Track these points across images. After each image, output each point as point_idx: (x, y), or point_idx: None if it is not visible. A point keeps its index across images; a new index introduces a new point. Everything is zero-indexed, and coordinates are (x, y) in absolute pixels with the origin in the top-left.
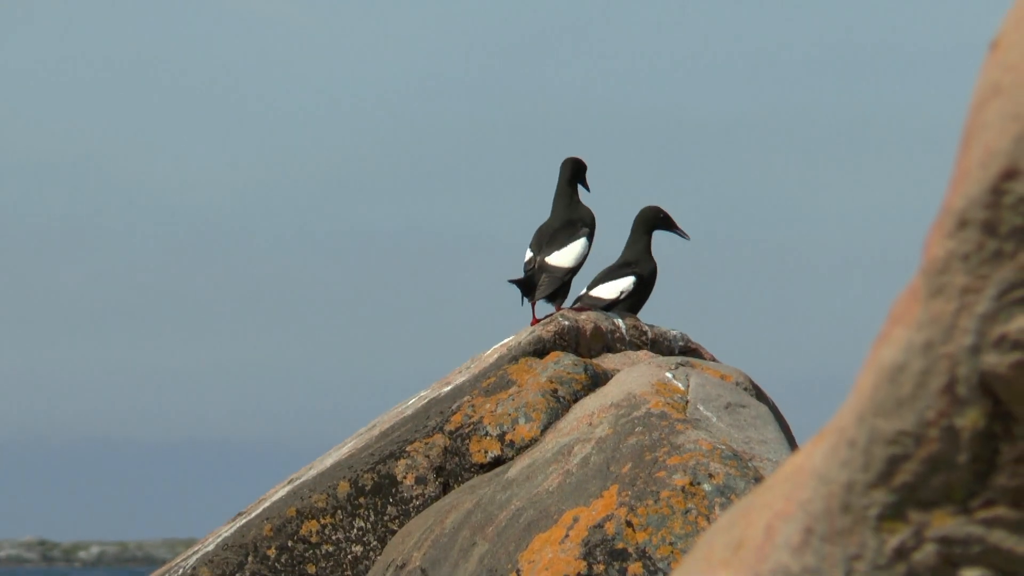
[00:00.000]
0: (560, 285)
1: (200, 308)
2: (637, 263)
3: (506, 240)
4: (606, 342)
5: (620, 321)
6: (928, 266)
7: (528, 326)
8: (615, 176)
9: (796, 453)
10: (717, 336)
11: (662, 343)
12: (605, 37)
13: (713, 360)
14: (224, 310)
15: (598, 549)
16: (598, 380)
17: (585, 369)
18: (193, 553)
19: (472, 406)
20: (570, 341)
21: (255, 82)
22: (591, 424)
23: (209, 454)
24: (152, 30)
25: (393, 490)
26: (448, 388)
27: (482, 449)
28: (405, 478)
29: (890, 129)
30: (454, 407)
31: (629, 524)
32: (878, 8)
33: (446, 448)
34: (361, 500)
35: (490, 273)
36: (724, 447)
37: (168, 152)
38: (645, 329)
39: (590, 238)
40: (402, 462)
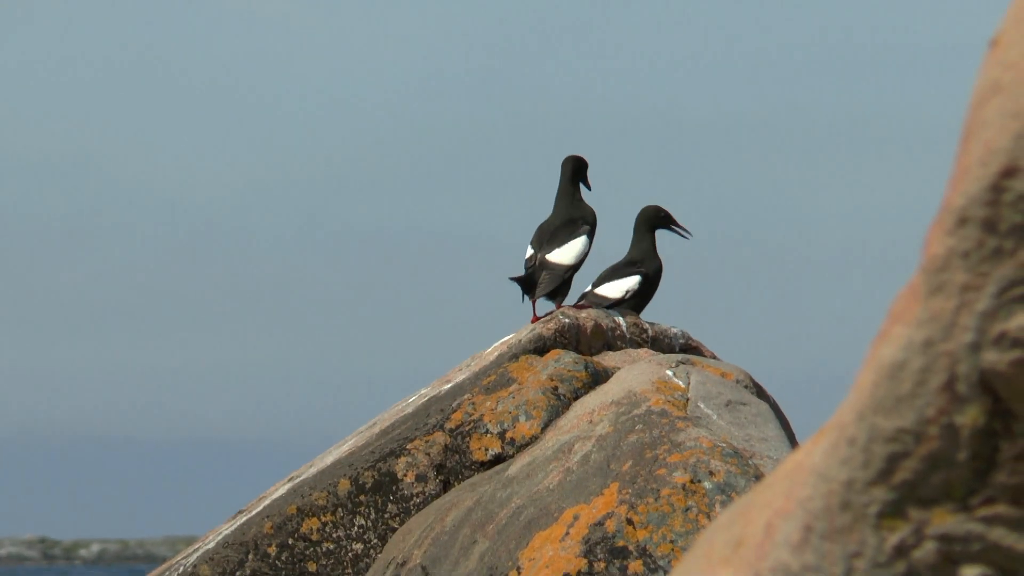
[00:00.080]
0: (561, 283)
1: (200, 307)
2: (643, 262)
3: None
4: (607, 340)
5: (621, 319)
6: (928, 264)
7: (528, 324)
8: (615, 175)
9: (796, 451)
10: (718, 334)
11: (663, 341)
12: (605, 36)
13: (714, 358)
14: (224, 309)
15: (599, 547)
16: (599, 378)
17: (586, 367)
18: (194, 551)
19: (473, 404)
20: (571, 339)
21: (255, 81)
22: (591, 422)
23: (210, 452)
24: (151, 29)
25: (393, 488)
26: (449, 386)
27: (482, 447)
28: (406, 476)
29: (890, 127)
30: (455, 405)
31: (630, 522)
32: (878, 7)
33: (446, 446)
34: (362, 498)
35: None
36: (724, 445)
37: (168, 151)
38: (646, 327)
39: (591, 236)
40: (403, 460)
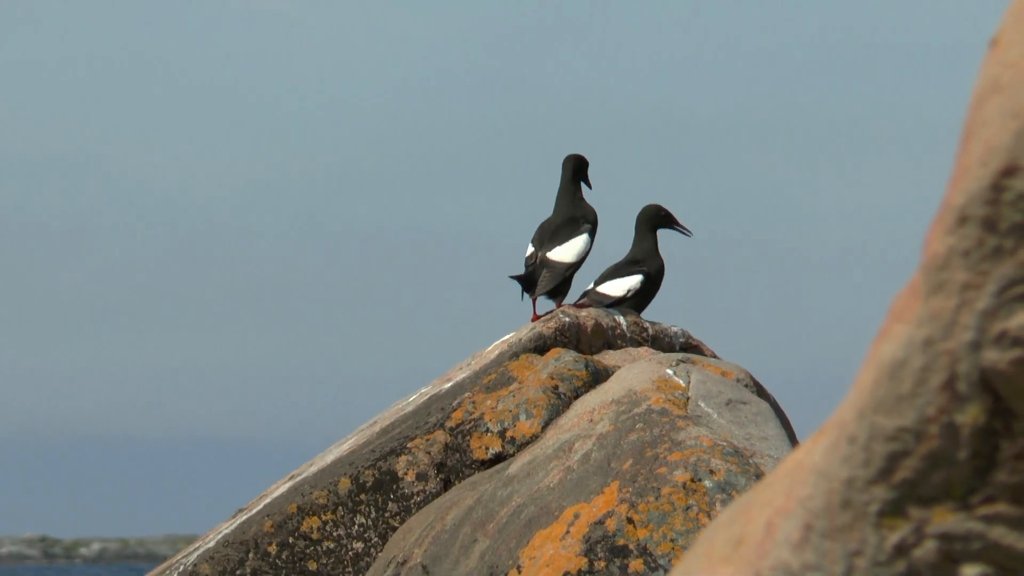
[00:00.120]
0: (561, 281)
1: (201, 305)
2: (645, 261)
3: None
4: (607, 338)
5: (621, 318)
6: (928, 262)
7: (529, 322)
8: (616, 174)
9: (796, 449)
10: (718, 333)
11: (663, 340)
12: (605, 35)
13: (714, 357)
14: (225, 307)
15: (599, 546)
16: (599, 377)
17: (586, 366)
18: (194, 550)
19: (473, 403)
20: (571, 337)
21: (255, 80)
22: (592, 420)
23: (210, 451)
24: (151, 28)
25: (394, 487)
26: (449, 385)
27: (483, 446)
28: (406, 474)
29: (890, 126)
30: (455, 404)
31: (630, 521)
32: (878, 6)
33: (447, 445)
34: (362, 497)
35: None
36: (725, 444)
37: (168, 150)
38: (646, 326)
39: (592, 235)
40: (403, 458)
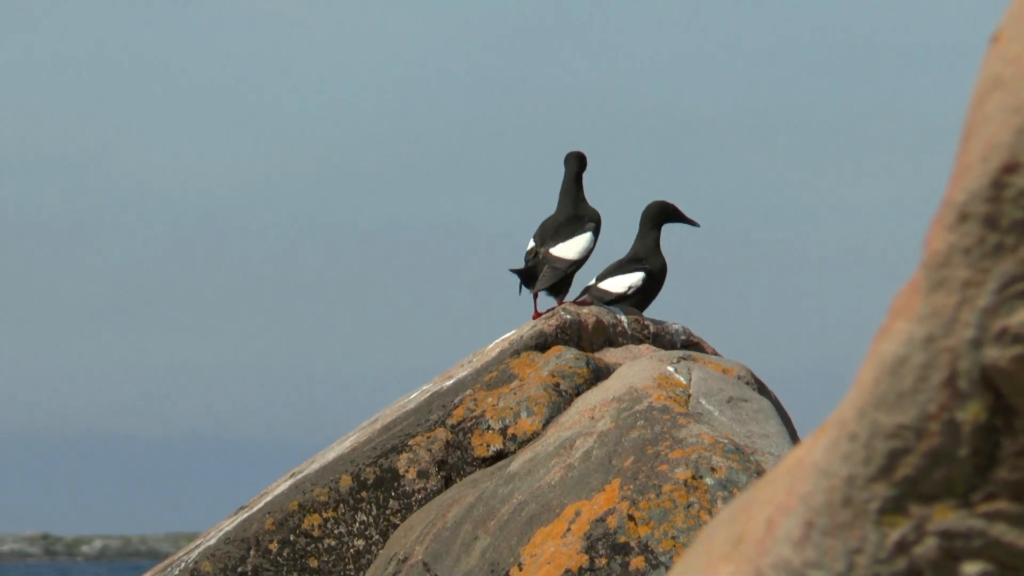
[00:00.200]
0: (563, 278)
1: (202, 303)
2: (647, 259)
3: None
4: (608, 336)
5: (622, 315)
6: (929, 260)
7: (530, 320)
8: (616, 171)
9: (797, 447)
10: (719, 330)
11: (664, 337)
12: (606, 32)
13: (715, 354)
14: (226, 305)
15: (600, 543)
16: (600, 374)
17: (587, 363)
18: (195, 547)
19: (474, 400)
20: (572, 335)
21: (256, 78)
22: (593, 418)
23: (211, 448)
24: (151, 26)
25: (395, 484)
26: (450, 382)
27: (484, 443)
28: (407, 472)
29: (891, 124)
30: (456, 401)
31: (631, 518)
32: (879, 4)
33: (448, 442)
34: (363, 494)
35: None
36: (726, 441)
37: (169, 148)
38: (647, 323)
39: (596, 233)
40: (404, 456)
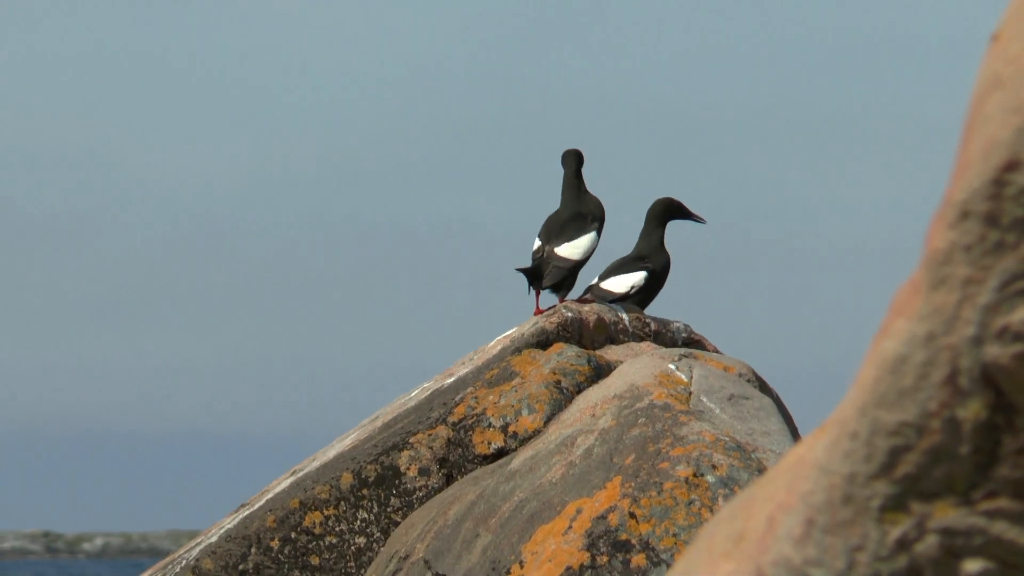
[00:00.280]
0: (566, 276)
1: (203, 300)
2: (650, 257)
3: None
4: (609, 334)
5: (623, 313)
6: (930, 257)
7: (531, 317)
8: (617, 168)
9: (798, 445)
10: (720, 328)
11: (665, 335)
12: (608, 27)
13: (716, 352)
14: (227, 302)
15: (601, 540)
16: (601, 372)
17: (588, 360)
18: (196, 544)
19: (475, 397)
20: (573, 333)
21: (259, 74)
22: (594, 415)
23: (213, 446)
24: (154, 24)
25: (396, 481)
26: (451, 379)
27: (485, 440)
28: (408, 469)
29: (892, 122)
30: (457, 398)
31: (632, 515)
32: (880, 2)
33: (449, 439)
34: (364, 491)
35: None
36: (727, 438)
37: (170, 146)
38: (648, 321)
39: (599, 232)
40: (405, 453)
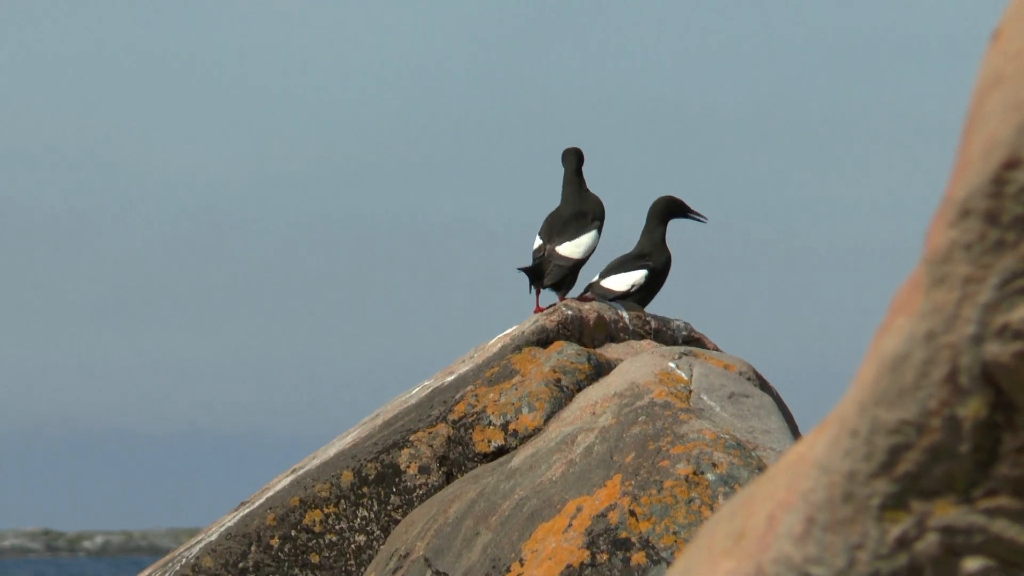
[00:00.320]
0: (567, 275)
1: (204, 299)
2: (651, 255)
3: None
4: (609, 332)
5: (623, 311)
6: (930, 256)
7: (532, 315)
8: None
9: (798, 443)
10: (721, 326)
11: (665, 333)
12: (608, 27)
13: (716, 350)
14: (228, 301)
15: (601, 538)
16: (601, 370)
17: (588, 359)
18: (196, 542)
19: (475, 395)
20: (573, 331)
21: (258, 75)
22: (594, 414)
23: (213, 444)
24: (156, 22)
25: (396, 479)
26: (451, 377)
27: (485, 438)
28: (408, 467)
29: (893, 121)
30: (457, 396)
31: (632, 514)
32: (881, 1)
33: (449, 437)
34: (364, 490)
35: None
36: (727, 437)
37: (170, 144)
38: (648, 319)
39: (600, 230)
40: (405, 451)
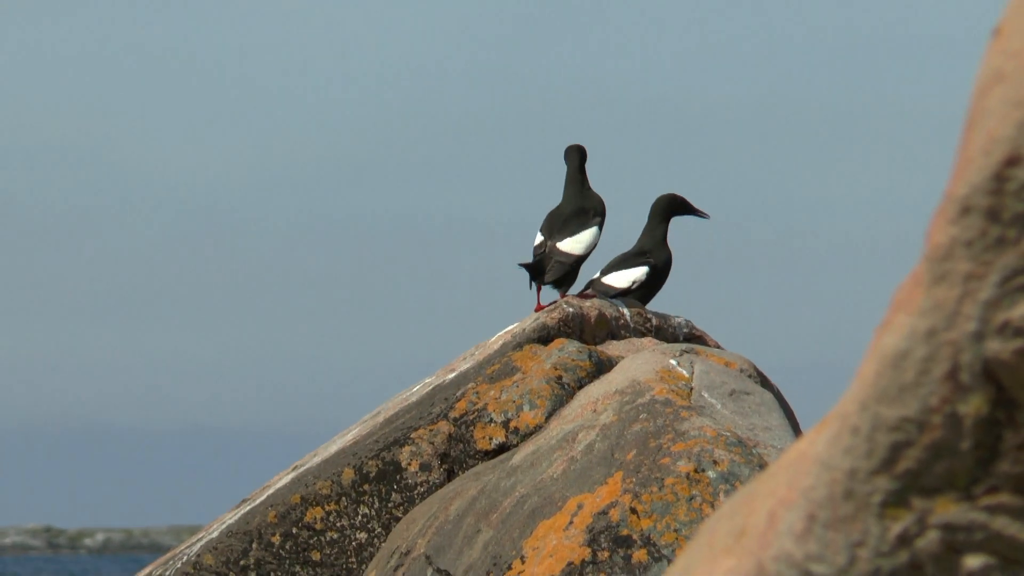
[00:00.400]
0: (568, 271)
1: (204, 296)
2: (652, 252)
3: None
4: (610, 329)
5: (625, 308)
6: (931, 253)
7: (533, 313)
8: (619, 163)
9: (799, 440)
10: (722, 323)
11: (666, 330)
12: (609, 24)
13: (718, 347)
14: (228, 298)
15: (602, 536)
16: (602, 367)
17: (589, 356)
18: (197, 540)
19: (476, 393)
20: (574, 328)
21: (260, 71)
22: (595, 411)
23: (214, 441)
24: (155, 20)
25: (397, 477)
26: (452, 375)
27: (486, 436)
28: (409, 465)
29: (894, 118)
30: (458, 394)
31: (633, 511)
32: (881, 1)
33: (450, 435)
34: (365, 487)
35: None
36: (728, 434)
37: (171, 142)
38: (649, 316)
39: (601, 227)
40: (406, 449)
